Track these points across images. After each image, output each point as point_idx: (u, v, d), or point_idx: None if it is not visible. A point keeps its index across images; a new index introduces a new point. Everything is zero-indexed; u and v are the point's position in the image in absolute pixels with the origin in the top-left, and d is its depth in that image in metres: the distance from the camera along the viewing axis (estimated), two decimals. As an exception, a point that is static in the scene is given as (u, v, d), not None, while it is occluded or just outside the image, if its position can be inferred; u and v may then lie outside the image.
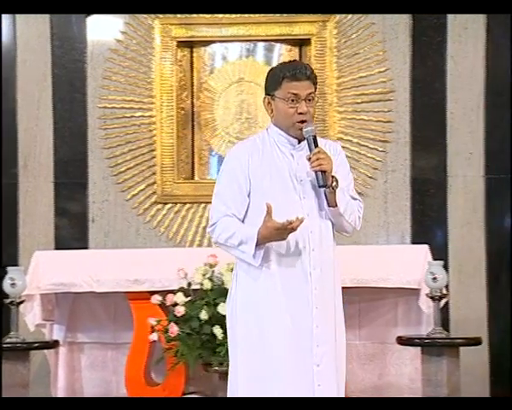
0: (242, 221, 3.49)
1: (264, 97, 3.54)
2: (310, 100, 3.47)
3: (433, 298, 5.12)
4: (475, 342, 5.22)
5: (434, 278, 5.10)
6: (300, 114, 3.45)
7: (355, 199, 3.55)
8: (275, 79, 3.49)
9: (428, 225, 6.11)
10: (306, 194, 3.48)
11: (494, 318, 6.03)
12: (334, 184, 3.41)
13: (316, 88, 3.51)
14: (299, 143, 3.52)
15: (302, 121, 3.47)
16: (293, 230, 3.35)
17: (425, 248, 5.42)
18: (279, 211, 3.38)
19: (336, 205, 3.44)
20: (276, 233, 3.36)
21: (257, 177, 3.48)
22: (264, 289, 3.44)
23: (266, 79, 3.55)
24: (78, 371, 5.61)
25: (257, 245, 3.39)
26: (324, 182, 3.40)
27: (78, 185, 6.21)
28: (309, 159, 3.43)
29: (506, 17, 6.06)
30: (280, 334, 3.40)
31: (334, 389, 3.42)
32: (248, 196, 3.49)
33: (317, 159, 3.40)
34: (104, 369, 5.62)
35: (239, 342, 3.49)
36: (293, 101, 3.46)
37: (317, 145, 3.44)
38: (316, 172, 3.41)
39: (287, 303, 3.42)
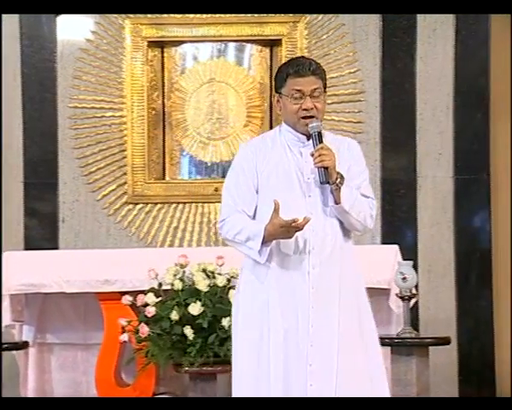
0: (253, 217, 3.49)
1: (274, 96, 3.56)
2: (316, 96, 3.46)
3: (402, 298, 5.15)
4: (444, 341, 5.26)
5: (404, 278, 5.12)
6: (305, 110, 3.44)
7: (367, 197, 3.51)
8: (280, 77, 3.50)
9: (398, 225, 6.15)
10: (311, 192, 3.46)
11: (463, 317, 6.08)
12: (339, 180, 3.39)
13: (324, 83, 3.49)
14: (309, 139, 3.49)
15: (309, 117, 3.45)
16: (299, 229, 3.34)
17: (395, 248, 5.44)
18: (283, 209, 3.38)
19: (340, 202, 3.41)
20: (281, 231, 3.35)
21: (264, 174, 3.48)
22: (265, 287, 3.44)
23: (274, 78, 3.57)
24: (47, 372, 5.58)
25: (263, 242, 3.39)
26: (326, 178, 3.38)
27: (48, 185, 6.18)
28: (312, 155, 3.42)
29: (475, 18, 6.12)
30: (274, 333, 3.41)
31: (327, 389, 3.37)
32: (257, 192, 3.49)
33: (320, 155, 3.38)
34: (74, 370, 5.60)
35: (238, 338, 3.49)
36: (297, 97, 3.45)
37: (321, 141, 3.42)
38: (318, 168, 3.40)
39: (283, 302, 3.42)
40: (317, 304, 3.41)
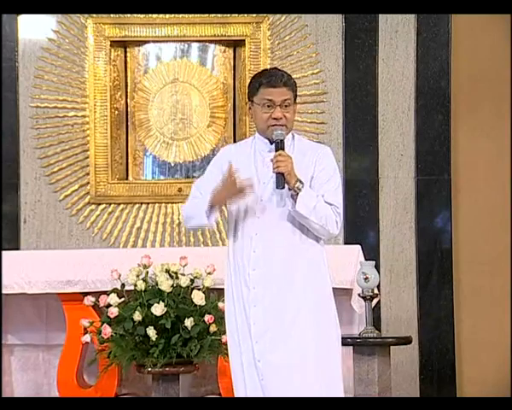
0: None
1: (246, 103, 3.76)
2: (286, 106, 3.65)
3: (364, 298, 5.18)
4: (406, 341, 5.30)
5: (366, 278, 5.15)
6: (275, 119, 3.63)
7: (331, 204, 3.63)
8: (254, 86, 3.70)
9: (360, 225, 6.19)
10: (264, 196, 3.63)
11: (424, 317, 6.13)
12: (297, 185, 3.54)
13: (295, 95, 3.70)
14: (272, 145, 3.67)
15: (279, 125, 3.63)
16: (241, 190, 3.53)
17: (357, 248, 5.48)
18: (239, 211, 3.63)
19: (295, 207, 3.55)
20: (223, 189, 3.57)
21: None
22: (226, 282, 3.72)
23: (248, 86, 3.76)
24: (8, 373, 5.54)
25: (212, 207, 3.62)
26: (281, 183, 3.54)
27: (9, 186, 6.13)
28: (272, 161, 3.58)
29: (436, 19, 6.18)
30: (230, 330, 3.68)
31: (278, 383, 3.53)
32: None
33: (277, 161, 3.55)
34: (36, 371, 5.56)
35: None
36: (268, 106, 3.65)
37: (281, 148, 3.59)
38: (276, 174, 3.55)
39: (235, 300, 3.66)
40: (258, 303, 3.59)
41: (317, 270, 3.65)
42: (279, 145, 3.61)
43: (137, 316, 4.98)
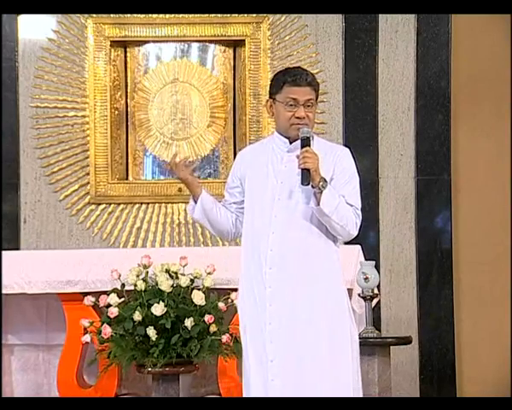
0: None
1: (267, 100, 3.73)
2: (309, 106, 3.64)
3: (364, 298, 5.18)
4: (406, 341, 5.30)
5: (366, 278, 5.15)
6: (298, 118, 3.62)
7: (351, 206, 3.62)
8: (277, 84, 3.68)
9: (360, 225, 6.17)
10: (281, 195, 3.62)
11: (424, 317, 6.13)
12: (321, 183, 3.52)
13: (317, 95, 3.68)
14: (291, 144, 3.67)
15: (301, 125, 3.62)
16: (177, 168, 3.77)
17: (357, 248, 5.47)
18: (254, 210, 3.63)
19: (319, 204, 3.53)
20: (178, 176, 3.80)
21: (247, 178, 3.71)
22: (241, 285, 3.70)
23: (270, 83, 3.75)
24: (8, 373, 5.54)
25: (195, 201, 3.77)
26: (306, 180, 3.52)
27: (9, 186, 6.13)
28: (298, 157, 3.56)
29: (436, 19, 6.18)
30: (244, 329, 3.66)
31: (289, 384, 3.51)
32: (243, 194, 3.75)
33: (303, 157, 3.53)
34: (36, 371, 5.56)
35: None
36: (292, 105, 3.63)
37: (308, 145, 3.57)
38: (301, 170, 3.53)
39: (247, 299, 3.64)
40: (274, 302, 3.56)
41: (332, 270, 3.63)
42: (306, 142, 3.58)
43: (137, 316, 4.98)
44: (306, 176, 3.52)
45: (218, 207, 3.79)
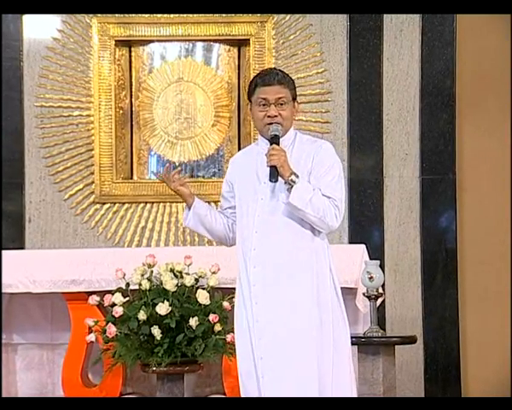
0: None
1: (246, 104, 3.84)
2: (281, 104, 3.70)
3: (369, 297, 5.18)
4: (410, 340, 5.29)
5: (371, 278, 5.15)
6: (269, 117, 3.68)
7: (328, 197, 3.64)
8: (250, 87, 3.80)
9: (365, 225, 6.19)
10: (264, 195, 3.68)
11: (429, 316, 6.13)
12: (291, 178, 3.57)
13: (293, 93, 3.73)
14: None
15: (275, 123, 3.69)
16: (168, 181, 3.79)
17: (362, 247, 5.47)
18: (242, 211, 3.71)
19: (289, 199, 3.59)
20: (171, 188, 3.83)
21: (236, 183, 3.80)
22: (237, 281, 3.78)
23: (247, 88, 3.85)
24: (13, 372, 5.55)
25: (189, 209, 3.85)
26: (274, 176, 3.59)
27: (14, 185, 6.14)
28: (266, 156, 3.64)
29: (440, 19, 6.17)
30: (236, 328, 3.74)
31: (278, 381, 3.55)
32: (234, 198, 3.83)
33: (270, 155, 3.59)
34: (40, 370, 5.57)
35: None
36: (263, 105, 3.72)
37: (276, 143, 3.64)
38: (269, 167, 3.60)
39: (241, 299, 3.72)
40: (259, 300, 3.63)
41: (317, 267, 3.65)
42: (274, 140, 3.65)
43: (142, 315, 4.98)
44: (273, 172, 3.59)
45: (212, 213, 3.86)
